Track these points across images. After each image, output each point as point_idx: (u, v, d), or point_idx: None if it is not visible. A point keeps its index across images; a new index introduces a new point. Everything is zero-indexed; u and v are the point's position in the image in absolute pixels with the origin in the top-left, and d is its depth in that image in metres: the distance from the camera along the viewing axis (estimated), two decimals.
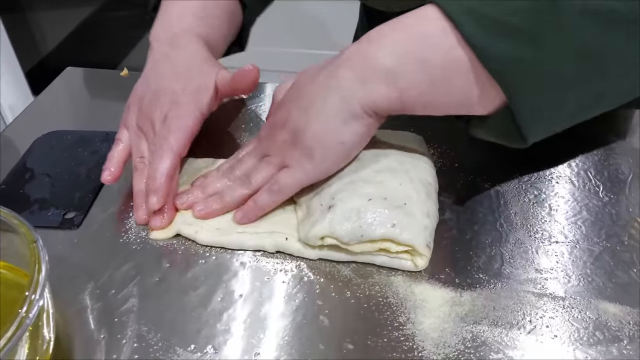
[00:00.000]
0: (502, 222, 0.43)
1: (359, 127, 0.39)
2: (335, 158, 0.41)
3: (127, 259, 0.41)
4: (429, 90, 0.37)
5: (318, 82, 0.40)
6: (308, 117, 0.40)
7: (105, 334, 0.37)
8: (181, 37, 0.51)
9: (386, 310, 0.37)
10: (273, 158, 0.42)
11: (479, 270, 0.40)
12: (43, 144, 0.52)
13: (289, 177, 0.41)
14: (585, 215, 0.44)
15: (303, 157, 0.40)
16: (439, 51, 0.36)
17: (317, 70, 0.42)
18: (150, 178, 0.44)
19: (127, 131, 0.48)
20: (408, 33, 0.37)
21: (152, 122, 0.46)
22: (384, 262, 0.40)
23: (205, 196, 0.45)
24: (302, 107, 0.40)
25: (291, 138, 0.41)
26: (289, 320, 0.37)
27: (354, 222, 0.39)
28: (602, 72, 0.36)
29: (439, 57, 0.36)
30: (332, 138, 0.40)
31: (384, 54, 0.37)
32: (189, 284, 0.40)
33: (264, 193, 0.42)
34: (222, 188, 0.45)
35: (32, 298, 0.31)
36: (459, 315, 0.37)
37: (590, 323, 0.36)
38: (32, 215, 0.44)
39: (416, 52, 0.37)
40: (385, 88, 0.38)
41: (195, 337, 0.36)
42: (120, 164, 0.46)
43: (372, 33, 0.39)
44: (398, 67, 0.37)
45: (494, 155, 0.50)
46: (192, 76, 0.48)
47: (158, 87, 0.47)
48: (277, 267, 0.41)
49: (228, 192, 0.44)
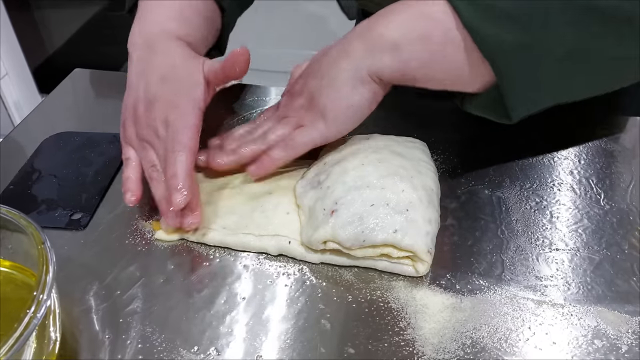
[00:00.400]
0: (504, 228, 0.44)
1: (366, 92, 0.44)
2: (344, 119, 0.45)
3: (133, 260, 0.42)
4: (427, 64, 0.42)
5: (331, 54, 0.45)
6: (322, 83, 0.45)
7: (110, 334, 0.37)
8: (159, 40, 0.49)
9: (387, 315, 0.38)
10: (290, 119, 0.47)
11: (480, 276, 0.40)
12: (51, 145, 0.53)
13: (304, 135, 0.45)
14: (586, 223, 0.44)
15: (317, 118, 0.45)
16: (439, 30, 0.40)
17: (330, 47, 0.47)
18: (170, 178, 0.42)
19: (131, 147, 0.47)
20: (413, 12, 0.42)
21: (154, 129, 0.45)
22: (386, 267, 0.41)
23: (221, 153, 0.47)
24: (318, 76, 0.45)
25: (307, 102, 0.46)
26: (290, 324, 0.37)
27: (356, 227, 0.40)
28: (587, 59, 0.40)
29: (438, 35, 0.40)
30: (343, 101, 0.44)
31: (391, 28, 0.42)
32: (193, 286, 0.40)
33: (279, 147, 0.46)
34: (237, 146, 0.47)
35: (40, 298, 0.32)
36: (459, 321, 0.37)
37: (589, 331, 0.36)
38: (40, 216, 0.45)
39: (419, 28, 0.41)
40: (389, 58, 0.42)
41: (198, 338, 0.37)
42: (138, 182, 0.45)
43: (383, 10, 0.44)
44: (402, 40, 0.42)
45: (496, 161, 0.50)
46: (180, 75, 0.47)
47: (149, 95, 0.46)
48: (279, 271, 0.41)
49: (244, 146, 0.47)
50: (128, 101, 0.48)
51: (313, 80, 0.46)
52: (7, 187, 0.48)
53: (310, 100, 0.46)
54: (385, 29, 0.42)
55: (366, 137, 0.48)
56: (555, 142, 0.52)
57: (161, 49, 0.48)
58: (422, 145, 0.48)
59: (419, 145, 0.48)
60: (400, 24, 0.42)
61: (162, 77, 0.47)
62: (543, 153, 0.51)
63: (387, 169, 0.43)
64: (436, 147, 0.51)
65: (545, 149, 0.51)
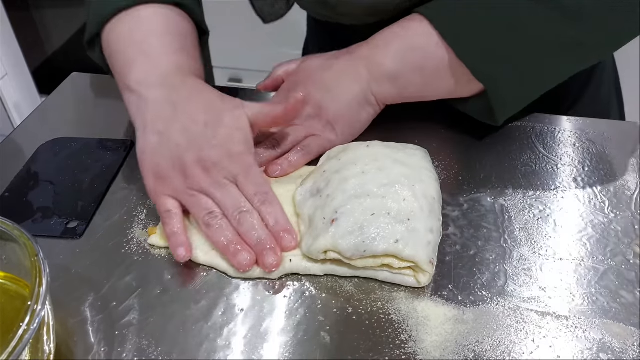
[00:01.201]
0: (507, 237, 0.43)
1: (371, 111, 0.51)
2: (352, 131, 0.51)
3: (129, 270, 0.41)
4: (423, 88, 0.49)
5: (335, 71, 0.50)
6: (331, 97, 0.49)
7: (106, 347, 0.37)
8: (173, 76, 0.45)
9: (388, 328, 0.37)
10: (299, 128, 0.50)
11: (482, 287, 0.39)
12: (47, 150, 0.52)
13: (317, 143, 0.49)
14: (590, 232, 0.43)
15: (327, 129, 0.50)
16: (432, 60, 0.47)
17: (326, 60, 0.51)
18: (276, 224, 0.41)
19: (172, 199, 0.43)
20: (406, 44, 0.48)
21: (219, 182, 0.42)
22: (387, 278, 0.40)
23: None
24: (322, 89, 0.49)
25: (315, 112, 0.50)
26: (290, 336, 0.37)
27: (357, 237, 0.39)
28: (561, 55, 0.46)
29: (432, 65, 0.47)
30: (353, 117, 0.50)
31: (388, 61, 0.48)
32: (191, 297, 0.39)
33: (296, 153, 0.49)
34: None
35: (34, 310, 0.31)
36: (462, 333, 0.37)
37: (594, 344, 0.36)
38: (35, 224, 0.44)
39: (413, 61, 0.48)
40: (390, 86, 0.49)
41: (195, 352, 0.36)
42: (186, 235, 0.42)
43: (380, 39, 0.49)
44: (399, 72, 0.48)
45: (498, 169, 0.49)
46: (223, 119, 0.43)
47: (193, 143, 0.42)
48: (278, 282, 0.40)
49: (259, 152, 0.48)
50: (154, 149, 0.43)
51: (317, 92, 0.49)
52: (2, 195, 0.47)
53: (318, 111, 0.49)
54: (384, 59, 0.48)
55: (366, 144, 0.47)
56: (558, 149, 0.51)
57: (183, 87, 0.45)
58: (424, 153, 0.48)
59: (420, 153, 0.47)
60: (395, 56, 0.48)
61: (203, 121, 0.43)
62: (546, 160, 0.50)
63: (388, 177, 0.43)
64: (437, 154, 0.50)
65: (548, 156, 0.51)
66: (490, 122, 0.50)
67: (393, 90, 0.49)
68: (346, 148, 0.48)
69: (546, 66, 0.46)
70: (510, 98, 0.48)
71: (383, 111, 0.52)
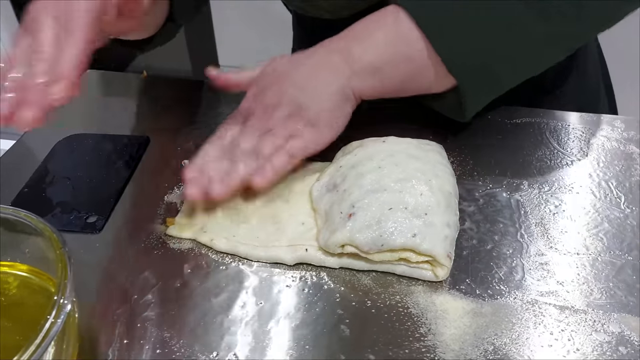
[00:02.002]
0: (523, 232, 0.43)
1: (350, 107, 0.48)
2: (336, 127, 0.47)
3: (149, 264, 0.42)
4: (403, 81, 0.47)
5: (310, 66, 0.47)
6: (307, 94, 0.46)
7: (128, 339, 0.37)
8: None
9: (407, 321, 0.37)
10: (277, 131, 0.45)
11: (500, 281, 0.40)
12: (64, 147, 0.53)
13: (300, 144, 0.46)
14: (606, 227, 0.44)
15: (309, 128, 0.46)
16: (412, 53, 0.45)
17: (297, 58, 0.48)
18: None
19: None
20: (388, 36, 0.46)
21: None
22: (404, 272, 0.40)
23: (212, 180, 0.44)
24: (297, 86, 0.46)
25: (293, 112, 0.46)
26: (309, 329, 0.37)
27: (374, 231, 0.39)
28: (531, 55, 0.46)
29: (412, 57, 0.45)
30: (334, 112, 0.46)
31: (370, 53, 0.46)
32: (211, 290, 0.40)
33: (279, 156, 0.45)
34: (230, 167, 0.44)
35: (61, 303, 0.31)
36: (480, 326, 0.37)
37: (613, 337, 0.36)
38: (55, 219, 0.45)
39: (395, 53, 0.46)
40: (371, 79, 0.47)
41: (217, 344, 0.36)
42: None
43: (358, 31, 0.47)
44: (381, 64, 0.46)
45: (513, 164, 0.49)
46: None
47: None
48: (297, 275, 0.41)
49: (240, 167, 0.44)
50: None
51: (293, 90, 0.46)
52: (22, 191, 0.48)
53: (296, 110, 0.46)
54: (364, 51, 0.46)
55: (382, 140, 0.47)
56: (573, 144, 0.52)
57: None
58: (439, 148, 0.48)
59: (435, 148, 0.47)
60: (377, 48, 0.46)
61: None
62: (560, 156, 0.50)
63: (404, 172, 0.43)
64: (452, 149, 0.51)
65: (562, 152, 0.51)
66: (459, 118, 0.48)
67: (375, 84, 0.47)
68: (362, 143, 0.48)
69: (518, 60, 0.46)
70: (480, 92, 0.47)
71: (397, 108, 0.52)
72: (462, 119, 0.49)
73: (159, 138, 0.54)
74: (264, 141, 0.45)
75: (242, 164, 0.44)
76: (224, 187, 0.43)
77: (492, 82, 0.46)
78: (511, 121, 0.54)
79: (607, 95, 0.70)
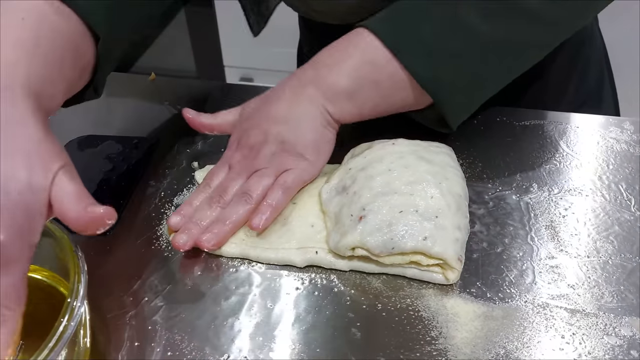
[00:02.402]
0: (533, 235, 0.43)
1: (332, 134, 0.48)
2: (324, 155, 0.48)
3: (159, 266, 0.42)
4: (380, 103, 0.47)
5: (286, 100, 0.47)
6: (290, 127, 0.46)
7: (138, 342, 0.37)
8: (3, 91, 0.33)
9: (418, 324, 0.37)
10: (266, 170, 0.45)
11: (511, 284, 0.40)
12: (73, 149, 0.53)
13: (293, 177, 0.45)
14: (617, 230, 0.43)
15: (298, 160, 0.46)
16: (385, 74, 0.46)
17: (270, 96, 0.48)
18: None
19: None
20: (359, 60, 0.46)
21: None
22: (415, 275, 0.40)
23: (203, 229, 0.42)
24: (278, 121, 0.46)
25: (279, 148, 0.46)
26: (319, 332, 0.37)
27: (385, 234, 0.39)
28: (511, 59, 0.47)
29: (385, 79, 0.46)
30: (318, 140, 0.47)
31: (342, 77, 0.46)
32: (221, 293, 0.40)
33: (274, 194, 0.44)
34: (220, 214, 0.43)
35: (74, 306, 0.31)
36: (492, 330, 0.37)
37: (625, 341, 0.36)
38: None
39: (368, 76, 0.46)
40: (347, 105, 0.47)
41: (228, 347, 0.36)
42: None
43: (326, 58, 0.47)
44: (356, 88, 0.46)
45: (522, 166, 0.49)
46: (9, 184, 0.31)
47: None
48: (306, 278, 0.41)
49: (232, 212, 0.43)
50: None
51: (274, 127, 0.46)
52: None
53: (282, 146, 0.45)
54: (337, 77, 0.46)
55: (391, 142, 0.47)
56: (582, 147, 0.51)
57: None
58: (449, 150, 0.48)
59: (445, 150, 0.47)
60: (349, 73, 0.46)
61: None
62: (570, 158, 0.50)
63: (414, 174, 0.43)
64: (461, 151, 0.51)
65: (571, 154, 0.51)
66: (445, 130, 0.49)
67: (352, 109, 0.47)
68: (371, 145, 0.48)
69: (491, 67, 0.46)
70: (458, 105, 0.47)
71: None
72: (447, 131, 0.49)
73: (168, 139, 0.54)
74: (253, 184, 0.44)
75: (233, 210, 0.43)
76: (216, 237, 0.42)
77: (469, 94, 0.47)
78: (520, 123, 0.54)
79: (612, 97, 0.70)
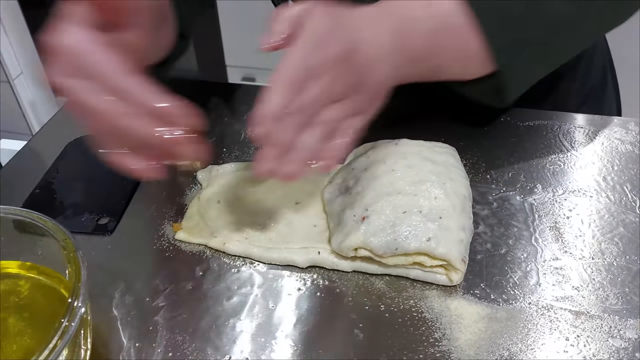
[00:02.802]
0: (537, 236, 0.43)
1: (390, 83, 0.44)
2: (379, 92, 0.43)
3: (161, 266, 0.42)
4: (451, 67, 0.45)
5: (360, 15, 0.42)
6: (364, 38, 0.41)
7: (140, 342, 0.37)
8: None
9: (421, 326, 0.37)
10: (346, 104, 0.41)
11: (515, 286, 0.39)
12: (75, 148, 0.53)
13: (360, 122, 0.42)
14: (622, 232, 0.43)
15: (365, 103, 0.42)
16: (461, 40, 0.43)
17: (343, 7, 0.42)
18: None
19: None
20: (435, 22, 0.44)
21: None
22: (418, 276, 0.40)
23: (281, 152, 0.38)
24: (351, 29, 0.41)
25: (345, 56, 0.40)
26: (322, 333, 0.37)
27: (388, 235, 0.39)
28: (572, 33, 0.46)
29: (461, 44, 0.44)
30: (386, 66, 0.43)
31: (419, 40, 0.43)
32: (222, 294, 0.40)
33: (342, 136, 0.41)
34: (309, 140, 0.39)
35: (75, 306, 0.31)
36: (496, 331, 0.36)
37: (630, 344, 0.36)
38: (66, 221, 0.45)
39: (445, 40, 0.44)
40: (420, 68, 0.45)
41: (230, 347, 0.36)
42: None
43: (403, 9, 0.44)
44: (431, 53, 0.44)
45: (526, 167, 0.49)
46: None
47: None
48: (309, 279, 0.41)
49: (308, 140, 0.39)
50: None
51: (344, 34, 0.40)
52: (33, 192, 0.48)
53: (348, 55, 0.40)
54: (414, 41, 0.44)
55: (395, 142, 0.47)
56: (587, 147, 0.51)
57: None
58: (452, 151, 0.47)
59: (448, 150, 0.47)
60: (427, 35, 0.44)
61: None
62: (574, 159, 0.50)
63: (418, 175, 0.43)
64: (465, 152, 0.50)
65: (576, 155, 0.50)
66: (496, 104, 0.47)
67: (423, 72, 0.45)
68: (374, 145, 0.48)
69: (557, 45, 0.45)
70: (522, 77, 0.46)
71: (409, 110, 0.52)
72: (501, 105, 0.47)
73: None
74: (328, 112, 0.40)
75: (309, 143, 0.39)
76: (298, 167, 0.38)
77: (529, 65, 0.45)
78: (524, 123, 0.54)
79: (615, 97, 0.70)
